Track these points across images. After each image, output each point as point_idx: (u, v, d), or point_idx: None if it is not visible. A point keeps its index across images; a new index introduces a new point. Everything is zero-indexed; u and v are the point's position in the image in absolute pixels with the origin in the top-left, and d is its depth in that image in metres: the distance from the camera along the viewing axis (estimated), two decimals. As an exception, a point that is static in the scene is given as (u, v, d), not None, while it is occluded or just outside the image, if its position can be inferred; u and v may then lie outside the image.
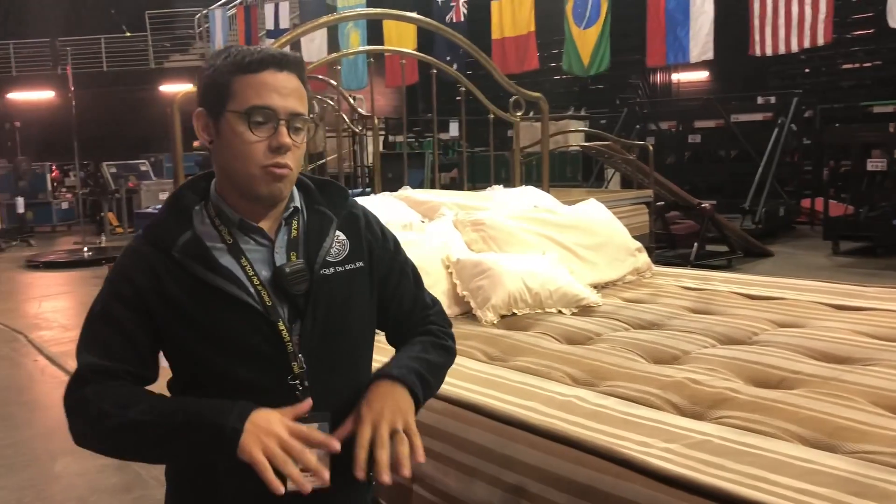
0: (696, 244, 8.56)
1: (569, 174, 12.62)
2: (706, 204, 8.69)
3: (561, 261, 3.24)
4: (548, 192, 4.30)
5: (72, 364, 5.34)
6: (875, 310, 2.94)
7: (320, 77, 5.87)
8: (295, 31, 3.94)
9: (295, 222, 1.42)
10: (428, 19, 4.98)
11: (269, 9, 15.10)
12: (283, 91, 1.32)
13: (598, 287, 3.36)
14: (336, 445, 1.24)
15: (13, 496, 3.42)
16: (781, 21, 9.12)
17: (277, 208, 1.40)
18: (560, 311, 2.98)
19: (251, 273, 1.34)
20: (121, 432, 1.25)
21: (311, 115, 1.44)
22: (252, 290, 1.32)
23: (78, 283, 9.37)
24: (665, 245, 9.08)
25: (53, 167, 16.15)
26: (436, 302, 1.63)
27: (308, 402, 1.29)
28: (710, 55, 9.84)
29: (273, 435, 1.20)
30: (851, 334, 2.58)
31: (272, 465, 1.17)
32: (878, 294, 3.20)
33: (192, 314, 1.31)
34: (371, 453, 1.26)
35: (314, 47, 13.89)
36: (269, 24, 15.00)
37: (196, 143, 1.59)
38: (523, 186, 4.33)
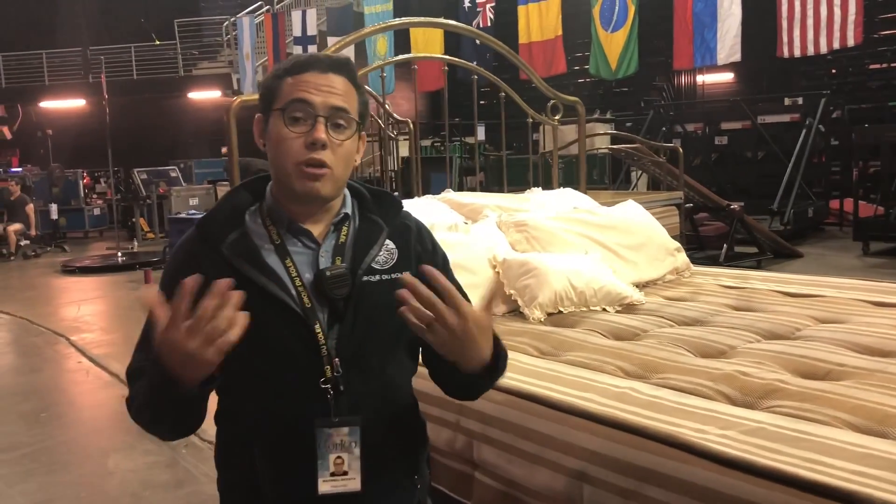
0: (725, 245, 8.56)
1: (595, 177, 12.63)
2: (735, 205, 8.69)
3: (603, 260, 3.31)
4: (585, 193, 4.37)
5: (114, 366, 5.47)
6: (914, 306, 2.98)
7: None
8: (337, 44, 4.04)
9: (345, 228, 1.43)
10: (461, 24, 5.07)
11: (296, 16, 15.28)
12: (325, 88, 1.33)
13: (639, 286, 3.41)
14: (237, 296, 1.14)
15: (71, 492, 3.53)
16: (810, 22, 9.11)
17: (329, 213, 1.42)
18: (604, 309, 3.04)
19: (294, 274, 1.35)
20: (141, 414, 1.29)
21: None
22: (293, 290, 1.33)
23: (113, 287, 9.56)
24: (694, 246, 9.08)
25: (84, 174, 16.43)
26: None
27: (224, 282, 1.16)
28: (737, 57, 9.85)
29: (180, 336, 1.12)
30: (893, 329, 2.62)
31: (212, 340, 1.12)
32: (917, 291, 3.23)
33: None
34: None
35: (341, 53, 14.02)
36: (297, 31, 15.17)
37: (223, 150, 1.66)
38: (561, 188, 4.40)
